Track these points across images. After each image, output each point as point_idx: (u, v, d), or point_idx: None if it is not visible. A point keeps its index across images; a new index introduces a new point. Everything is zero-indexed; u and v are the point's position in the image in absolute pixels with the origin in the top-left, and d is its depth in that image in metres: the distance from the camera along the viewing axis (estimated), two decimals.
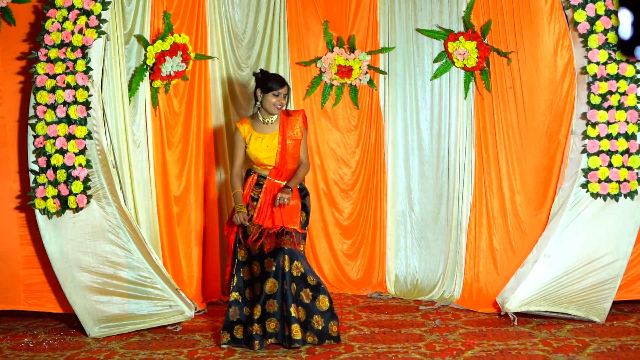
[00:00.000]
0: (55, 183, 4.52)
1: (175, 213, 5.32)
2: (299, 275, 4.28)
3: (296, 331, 4.18)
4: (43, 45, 4.59)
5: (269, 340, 4.25)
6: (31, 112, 4.59)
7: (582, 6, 4.79)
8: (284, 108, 4.55)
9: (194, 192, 5.44)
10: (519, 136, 5.22)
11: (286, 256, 4.23)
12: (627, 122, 4.75)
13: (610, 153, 4.76)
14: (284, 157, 4.52)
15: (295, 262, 4.27)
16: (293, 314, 4.20)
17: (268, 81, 4.48)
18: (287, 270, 4.22)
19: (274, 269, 4.21)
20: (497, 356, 4.01)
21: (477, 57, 5.28)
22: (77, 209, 4.55)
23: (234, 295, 4.39)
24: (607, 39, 4.76)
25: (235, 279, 4.42)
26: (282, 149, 4.51)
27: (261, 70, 4.67)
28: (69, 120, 4.55)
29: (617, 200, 4.74)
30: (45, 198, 4.52)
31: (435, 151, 5.62)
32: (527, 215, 5.18)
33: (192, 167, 5.42)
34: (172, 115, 5.32)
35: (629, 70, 4.74)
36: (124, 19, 4.95)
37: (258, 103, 4.53)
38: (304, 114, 4.66)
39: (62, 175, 4.51)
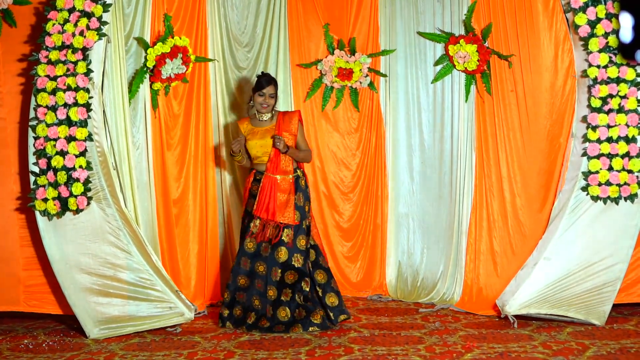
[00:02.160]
0: (55, 185, 4.52)
1: (174, 215, 5.33)
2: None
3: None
4: (44, 47, 4.59)
5: None
6: (32, 114, 4.58)
7: (583, 9, 4.80)
8: (271, 107, 4.82)
9: (192, 194, 5.43)
10: (520, 139, 5.22)
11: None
12: (628, 125, 4.75)
13: (610, 156, 4.76)
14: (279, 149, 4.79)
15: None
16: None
17: (257, 82, 4.84)
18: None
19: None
20: (497, 359, 4.01)
21: (478, 60, 5.28)
22: (78, 211, 4.54)
23: None
24: (607, 42, 4.76)
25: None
26: None
27: (262, 72, 4.90)
28: (69, 122, 4.55)
29: (617, 203, 4.74)
30: (45, 200, 4.52)
31: (437, 153, 5.62)
32: (527, 217, 5.18)
33: (190, 169, 5.42)
34: (171, 118, 5.32)
35: (629, 73, 4.74)
36: (124, 21, 4.95)
37: (251, 102, 4.84)
38: (300, 113, 5.02)
39: (62, 176, 4.51)
